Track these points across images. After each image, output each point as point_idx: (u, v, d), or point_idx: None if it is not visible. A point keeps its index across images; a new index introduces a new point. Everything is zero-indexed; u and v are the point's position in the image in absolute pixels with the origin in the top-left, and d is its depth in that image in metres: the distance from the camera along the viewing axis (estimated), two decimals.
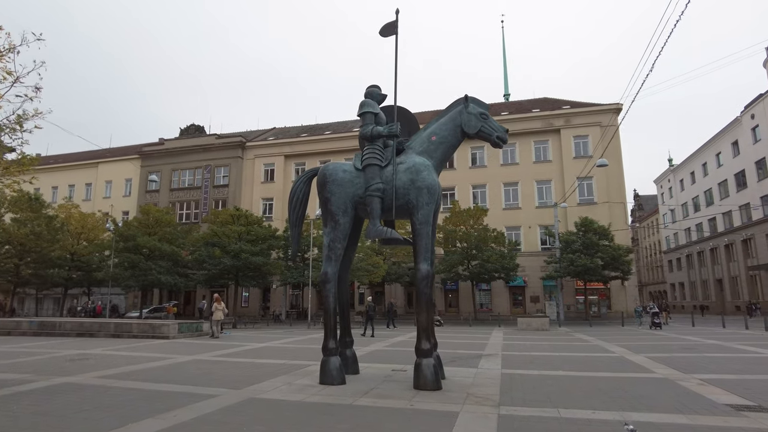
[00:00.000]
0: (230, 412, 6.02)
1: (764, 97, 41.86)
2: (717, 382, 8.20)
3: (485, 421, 5.58)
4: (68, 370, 9.56)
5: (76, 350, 13.70)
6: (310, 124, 53.37)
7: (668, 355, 12.11)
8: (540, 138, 40.32)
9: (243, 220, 35.48)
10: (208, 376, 8.95)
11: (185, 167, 48.39)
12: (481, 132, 8.52)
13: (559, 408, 6.25)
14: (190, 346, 15.47)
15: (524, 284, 37.89)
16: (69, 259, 37.62)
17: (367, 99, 8.85)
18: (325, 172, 8.70)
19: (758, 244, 42.77)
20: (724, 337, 18.22)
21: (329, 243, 8.48)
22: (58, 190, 53.07)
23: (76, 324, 20.94)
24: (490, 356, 12.28)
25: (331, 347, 8.20)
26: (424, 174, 8.17)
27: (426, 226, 8.07)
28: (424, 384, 7.47)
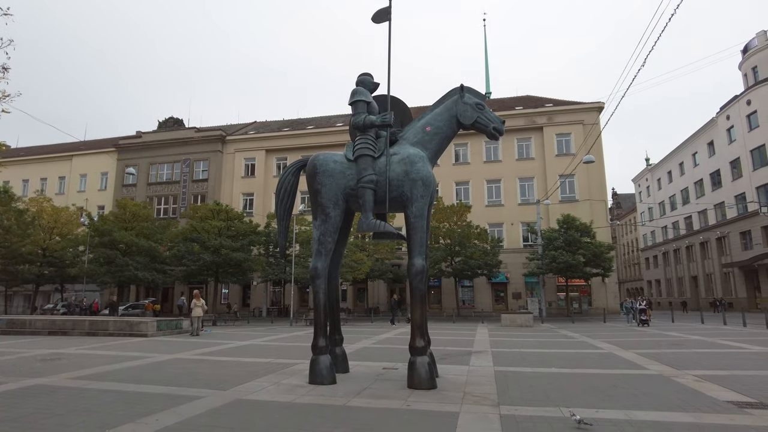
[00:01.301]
0: (217, 415, 5.65)
1: (739, 99, 42.84)
2: (712, 378, 8.14)
3: (487, 422, 5.34)
4: (39, 371, 9.00)
5: (48, 349, 13.05)
6: (292, 119, 52.71)
7: (657, 351, 12.10)
8: (523, 136, 40.50)
9: (223, 215, 34.74)
10: (190, 375, 8.53)
11: (163, 161, 47.24)
12: (477, 123, 8.27)
13: (561, 407, 6.05)
14: (170, 344, 14.94)
15: (506, 281, 38.07)
16: (41, 255, 36.31)
17: (359, 87, 8.51)
18: (315, 163, 8.33)
19: (732, 242, 43.84)
20: (705, 332, 18.44)
21: (319, 237, 8.13)
22: (29, 184, 51.30)
23: (48, 322, 20.11)
24: (479, 353, 12.09)
25: (321, 345, 7.87)
26: (418, 165, 7.88)
27: (421, 219, 7.79)
28: (419, 383, 7.20)
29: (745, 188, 41.84)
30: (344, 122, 45.31)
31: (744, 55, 43.95)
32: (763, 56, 41.36)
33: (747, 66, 43.28)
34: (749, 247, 41.31)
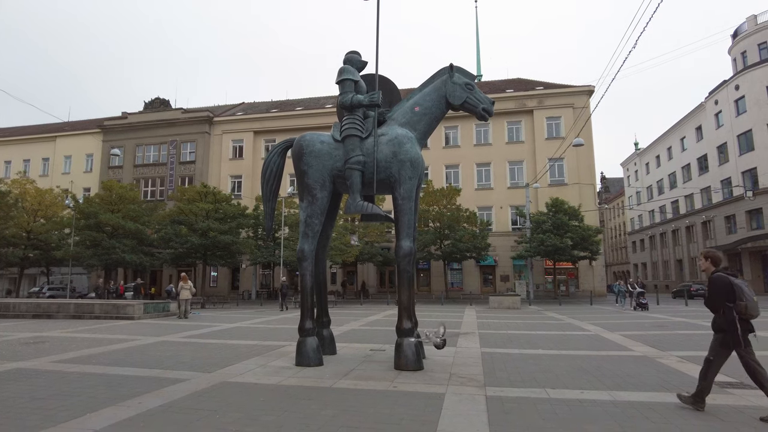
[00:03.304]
0: (201, 397, 5.59)
1: (728, 84, 42.99)
2: (695, 359, 8.22)
3: (473, 403, 5.34)
4: (21, 355, 8.87)
5: (32, 333, 12.89)
6: (281, 100, 51.97)
7: (642, 333, 12.26)
8: (513, 119, 40.37)
9: (211, 197, 34.33)
10: (176, 358, 8.45)
11: (150, 143, 46.43)
12: (467, 103, 8.14)
13: (547, 388, 6.08)
14: (157, 326, 14.84)
15: (495, 263, 38.30)
16: (25, 238, 35.71)
17: (347, 66, 8.33)
18: (302, 143, 8.18)
19: (717, 226, 44.44)
20: (688, 315, 18.75)
21: (306, 219, 8.03)
22: (11, 165, 50.24)
23: (33, 305, 19.86)
24: (467, 335, 12.16)
25: (307, 327, 7.83)
26: (407, 146, 7.77)
27: (408, 201, 7.71)
28: (405, 364, 7.21)
29: (731, 173, 42.25)
30: (334, 104, 44.77)
31: (734, 40, 43.96)
32: (752, 41, 41.39)
33: (736, 51, 43.31)
34: (733, 231, 41.92)
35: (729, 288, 4.93)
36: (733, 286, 4.92)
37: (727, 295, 4.93)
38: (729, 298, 4.91)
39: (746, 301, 4.83)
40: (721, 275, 5.07)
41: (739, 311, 4.83)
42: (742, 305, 4.83)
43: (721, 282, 5.01)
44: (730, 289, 4.92)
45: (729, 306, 4.89)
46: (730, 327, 4.87)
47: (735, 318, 4.83)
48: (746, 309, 4.82)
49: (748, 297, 4.85)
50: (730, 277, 5.02)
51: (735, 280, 4.99)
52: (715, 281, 5.08)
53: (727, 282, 4.97)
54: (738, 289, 4.89)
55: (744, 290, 4.89)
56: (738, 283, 4.94)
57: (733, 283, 4.94)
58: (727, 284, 4.96)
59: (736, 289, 4.90)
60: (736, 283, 4.93)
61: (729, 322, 4.88)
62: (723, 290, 4.97)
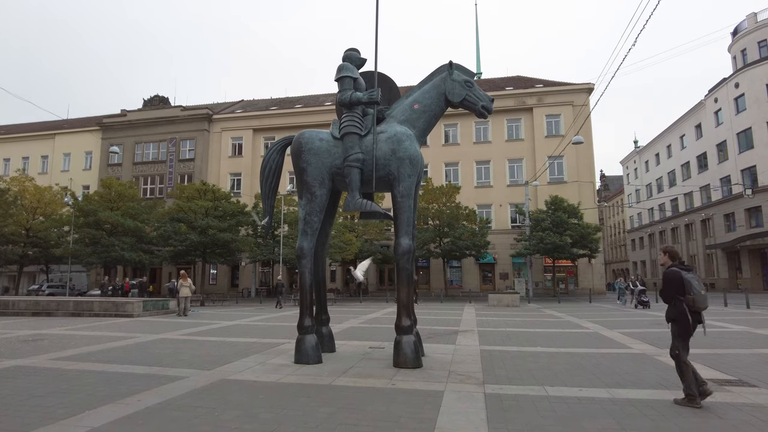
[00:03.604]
0: (200, 395, 5.59)
1: (727, 82, 42.94)
2: (693, 356, 8.10)
3: (472, 400, 5.35)
4: (20, 352, 8.87)
5: (31, 330, 12.89)
6: (280, 97, 51.88)
7: (641, 331, 12.28)
8: (512, 116, 40.34)
9: (210, 195, 34.33)
10: (175, 356, 8.46)
11: (149, 140, 46.36)
12: (466, 101, 8.13)
13: (545, 386, 6.09)
14: (156, 324, 14.84)
15: (494, 261, 38.33)
16: (24, 235, 35.68)
17: (346, 63, 8.31)
18: (301, 141, 8.17)
19: (716, 223, 44.44)
20: None
21: (305, 216, 8.02)
22: (10, 162, 50.18)
23: (32, 302, 19.87)
24: (466, 332, 12.17)
25: (306, 325, 7.83)
26: (406, 144, 7.76)
27: (408, 199, 7.71)
28: (404, 362, 7.22)
29: (730, 171, 42.25)
30: (333, 101, 44.64)
31: (733, 38, 43.91)
32: (752, 39, 41.34)
33: (736, 48, 43.26)
34: (732, 229, 41.93)
35: (680, 282, 5.22)
36: (683, 280, 5.21)
37: (677, 289, 5.23)
38: (680, 291, 5.21)
39: (694, 294, 5.12)
40: (674, 270, 5.35)
41: (688, 304, 5.14)
42: (690, 298, 5.13)
43: (673, 276, 5.30)
44: (680, 283, 5.21)
45: (680, 299, 5.20)
46: (681, 317, 5.20)
47: (685, 309, 5.15)
48: (694, 302, 5.12)
49: (696, 291, 5.13)
50: (682, 271, 5.30)
51: (686, 274, 5.27)
52: (667, 275, 5.37)
53: (678, 276, 5.26)
54: (688, 283, 5.18)
55: (693, 284, 5.17)
56: (688, 277, 5.22)
57: (684, 277, 5.23)
58: (679, 278, 5.25)
59: (686, 283, 5.19)
60: (686, 278, 5.22)
61: (680, 313, 5.21)
62: (674, 284, 5.26)
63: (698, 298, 5.13)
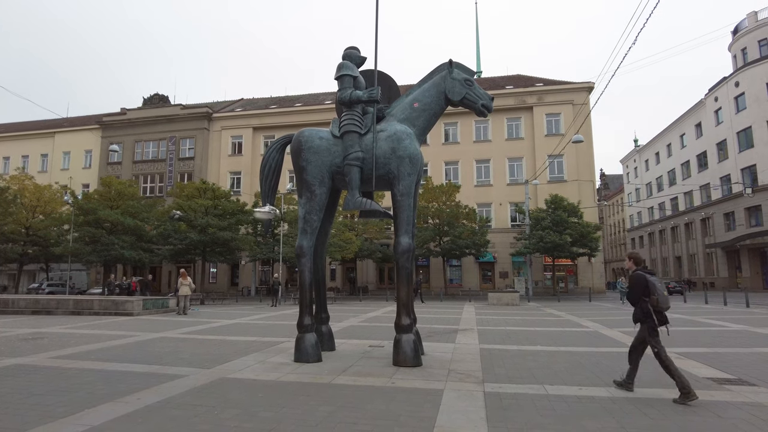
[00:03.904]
0: (200, 393, 5.59)
1: (728, 80, 42.93)
2: (693, 355, 8.26)
3: (471, 399, 5.35)
4: (20, 351, 8.87)
5: (30, 329, 12.89)
6: (280, 96, 51.83)
7: None
8: (512, 115, 40.31)
9: (210, 193, 34.22)
10: (174, 354, 8.46)
11: (149, 138, 46.33)
12: (466, 99, 8.12)
13: (545, 385, 6.10)
14: (156, 323, 14.85)
15: (494, 260, 38.32)
16: (24, 234, 35.65)
17: (346, 61, 8.29)
18: (300, 139, 8.16)
19: (716, 222, 44.47)
20: (688, 311, 18.76)
21: (304, 215, 8.01)
22: (10, 161, 50.16)
23: (32, 301, 19.87)
24: (465, 331, 12.17)
25: (306, 323, 7.83)
26: (406, 142, 7.75)
27: (407, 197, 7.70)
28: (404, 360, 7.21)
29: (730, 170, 42.26)
30: (333, 100, 44.59)
31: (734, 37, 43.88)
32: (752, 37, 41.32)
33: (736, 47, 43.24)
34: (732, 228, 41.96)
35: (645, 284, 5.59)
36: (648, 282, 5.59)
37: (643, 290, 5.60)
38: (645, 293, 5.59)
39: (657, 295, 5.49)
40: (639, 273, 5.72)
41: (653, 304, 5.51)
42: (654, 299, 5.50)
43: (639, 279, 5.66)
44: (645, 285, 5.59)
45: (645, 300, 5.58)
46: (647, 317, 5.60)
47: (650, 309, 5.54)
48: (657, 302, 5.48)
49: (659, 292, 5.51)
50: (646, 275, 5.66)
51: (650, 277, 5.63)
52: (633, 278, 5.73)
53: (643, 279, 5.62)
54: (652, 285, 5.56)
55: (656, 286, 5.55)
56: (652, 280, 5.60)
57: (648, 280, 5.60)
58: (644, 281, 5.61)
59: (650, 285, 5.56)
60: (650, 280, 5.59)
61: (645, 313, 5.61)
62: (640, 286, 5.64)
63: (661, 298, 5.48)
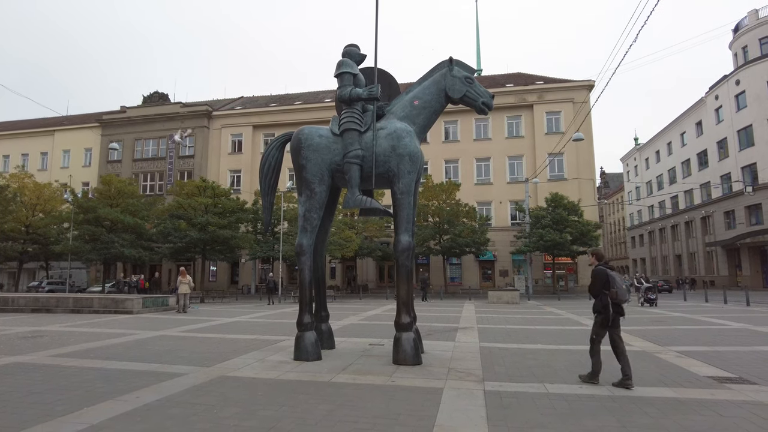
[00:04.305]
0: (200, 392, 5.58)
1: (728, 79, 42.85)
2: (693, 354, 8.25)
3: (471, 398, 5.34)
4: (19, 349, 8.86)
5: (30, 327, 12.89)
6: (280, 94, 51.78)
7: (641, 328, 12.26)
8: (513, 113, 40.24)
9: (210, 191, 34.17)
10: (174, 353, 8.45)
11: (148, 137, 46.25)
12: (466, 97, 8.10)
13: (545, 383, 6.09)
14: (156, 321, 14.84)
15: (494, 258, 38.31)
16: (24, 232, 35.63)
17: (345, 59, 8.26)
18: (300, 137, 8.14)
19: (716, 221, 44.44)
20: (688, 310, 18.76)
21: (304, 213, 8.00)
22: (9, 159, 50.08)
23: (31, 299, 19.86)
24: (465, 329, 12.17)
25: (306, 322, 7.81)
26: (406, 140, 7.73)
27: (407, 195, 7.69)
28: (404, 359, 7.20)
29: (730, 168, 42.22)
30: (332, 98, 44.42)
31: (735, 35, 43.80)
32: (753, 36, 41.23)
33: (737, 45, 43.16)
34: (732, 226, 41.93)
35: (605, 278, 6.00)
36: (608, 277, 6.00)
37: (603, 284, 6.01)
38: (605, 286, 5.99)
39: (616, 288, 5.92)
40: (600, 269, 6.14)
41: (612, 297, 5.94)
42: (613, 292, 5.93)
43: (600, 273, 6.09)
44: (606, 280, 5.99)
45: (605, 293, 5.99)
46: (605, 309, 6.01)
47: (608, 303, 5.96)
48: (616, 294, 5.92)
49: (618, 286, 5.94)
50: (607, 270, 6.09)
51: (611, 272, 6.07)
52: (595, 273, 6.16)
53: (604, 273, 6.04)
54: (612, 280, 5.97)
55: (616, 280, 5.98)
56: (612, 275, 6.04)
57: (609, 274, 6.02)
58: (605, 275, 6.03)
59: (610, 279, 5.98)
60: (611, 275, 6.02)
61: (603, 306, 6.02)
62: (601, 280, 6.04)
63: (620, 291, 5.92)
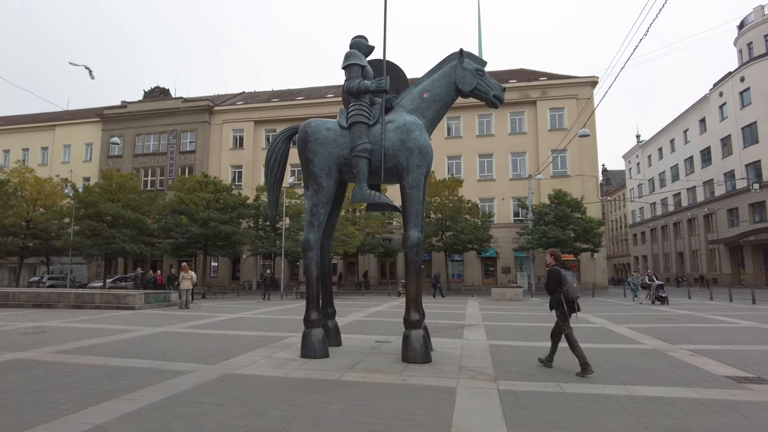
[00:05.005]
0: (206, 390, 5.43)
1: (733, 75, 42.55)
2: (706, 352, 8.11)
3: (486, 397, 5.19)
4: (21, 345, 8.72)
5: (32, 323, 12.74)
6: (282, 89, 51.53)
7: (649, 326, 12.12)
8: (516, 110, 39.98)
9: (211, 187, 34.05)
10: (178, 349, 8.30)
11: (150, 132, 46.05)
12: (477, 90, 7.92)
13: (560, 382, 5.94)
14: (158, 317, 14.70)
15: (496, 255, 38.15)
16: (24, 227, 35.48)
17: (353, 50, 8.08)
18: (307, 130, 7.96)
19: (719, 219, 44.24)
20: (694, 307, 18.62)
21: (311, 208, 7.83)
22: (10, 154, 49.89)
23: (33, 294, 19.73)
24: (472, 326, 12.03)
25: (313, 319, 7.66)
26: (415, 134, 7.55)
27: (417, 190, 7.53)
28: (413, 357, 7.06)
29: (734, 166, 41.98)
30: (335, 93, 44.38)
31: (740, 31, 43.48)
32: (758, 32, 40.91)
33: (742, 42, 42.84)
34: (736, 224, 41.72)
35: (559, 277, 6.60)
36: (561, 275, 6.59)
37: (557, 283, 6.60)
38: (559, 284, 6.59)
39: (567, 286, 6.52)
40: (555, 269, 6.73)
41: (564, 294, 6.54)
42: (565, 290, 6.53)
43: (554, 272, 6.69)
44: (559, 278, 6.59)
45: (558, 290, 6.60)
46: (559, 306, 6.63)
47: (562, 299, 6.56)
48: (568, 292, 6.52)
49: (569, 284, 6.54)
50: (561, 269, 6.68)
51: (564, 271, 6.67)
52: (550, 272, 6.78)
53: (558, 273, 6.64)
54: (564, 278, 6.56)
55: (568, 279, 6.58)
56: (565, 273, 6.64)
57: (562, 273, 6.61)
58: (558, 274, 6.63)
59: (563, 277, 6.57)
60: (563, 274, 6.62)
61: (557, 302, 6.64)
62: (555, 279, 6.64)
63: (571, 289, 6.52)
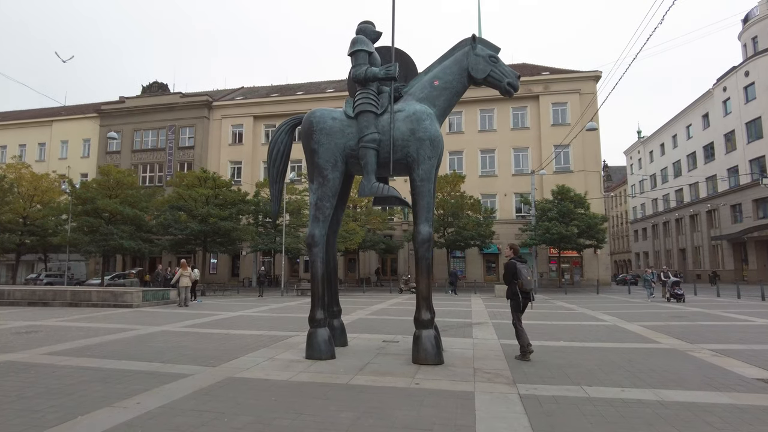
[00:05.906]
0: (207, 396, 5.06)
1: (737, 70, 42.13)
2: (730, 353, 7.75)
3: (508, 403, 4.83)
4: (12, 346, 8.32)
5: (25, 321, 12.35)
6: (281, 84, 51.00)
7: (663, 324, 11.77)
8: (518, 104, 39.55)
9: (210, 182, 33.61)
10: (177, 350, 7.92)
11: (148, 127, 45.57)
12: (490, 77, 7.54)
13: (583, 386, 5.57)
14: (157, 315, 14.32)
15: (498, 252, 37.77)
16: (21, 224, 35.07)
17: (360, 36, 7.67)
18: (312, 120, 7.56)
19: (722, 215, 43.91)
20: (704, 305, 18.27)
21: (316, 202, 7.44)
22: (6, 150, 49.39)
23: (28, 292, 19.34)
24: (480, 325, 11.68)
25: (319, 318, 7.29)
26: (426, 123, 7.16)
27: (428, 183, 7.15)
28: (425, 358, 6.70)
29: (738, 161, 41.62)
30: (335, 88, 43.92)
31: (744, 25, 43.04)
32: (763, 26, 40.46)
33: (747, 36, 42.41)
34: (739, 220, 41.39)
35: (514, 270, 7.16)
36: (516, 268, 7.14)
37: (513, 275, 7.16)
38: (515, 277, 7.14)
39: (522, 279, 7.11)
40: (512, 262, 7.26)
41: (519, 286, 7.13)
42: (520, 282, 7.12)
43: (510, 266, 7.23)
44: (515, 271, 7.15)
45: (514, 282, 7.15)
46: (514, 296, 7.23)
47: (517, 290, 7.16)
48: (521, 284, 7.12)
49: (524, 276, 7.12)
50: (517, 263, 7.22)
51: (519, 265, 7.21)
52: (507, 265, 7.29)
53: (514, 266, 7.19)
54: (518, 271, 7.13)
55: (522, 272, 7.13)
56: (520, 267, 7.18)
57: (517, 267, 7.17)
58: (514, 267, 7.17)
59: (518, 271, 7.14)
60: (519, 267, 7.16)
61: (513, 294, 7.23)
62: (511, 272, 7.19)
63: (524, 281, 7.10)
